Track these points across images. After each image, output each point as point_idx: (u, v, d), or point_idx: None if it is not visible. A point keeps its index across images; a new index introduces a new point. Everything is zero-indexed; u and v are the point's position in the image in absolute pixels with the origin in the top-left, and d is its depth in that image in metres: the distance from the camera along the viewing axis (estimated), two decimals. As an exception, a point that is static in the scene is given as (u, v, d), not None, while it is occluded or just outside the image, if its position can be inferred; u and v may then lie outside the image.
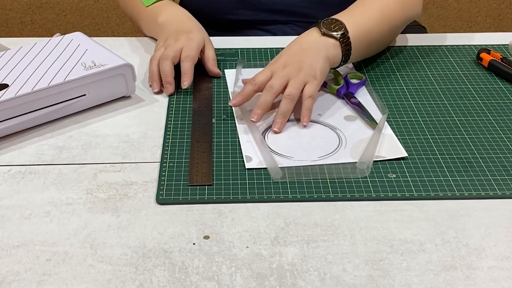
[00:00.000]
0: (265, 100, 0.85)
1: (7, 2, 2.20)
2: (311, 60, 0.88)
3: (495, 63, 1.00)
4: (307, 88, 0.86)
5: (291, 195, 0.73)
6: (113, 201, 0.72)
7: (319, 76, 0.88)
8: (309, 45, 0.90)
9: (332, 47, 0.91)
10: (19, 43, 1.01)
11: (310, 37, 0.92)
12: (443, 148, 0.82)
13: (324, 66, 0.89)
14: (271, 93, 0.85)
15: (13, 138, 0.84)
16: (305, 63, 0.88)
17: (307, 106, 0.85)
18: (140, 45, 1.10)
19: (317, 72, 0.87)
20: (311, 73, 0.87)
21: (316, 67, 0.88)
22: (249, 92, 0.87)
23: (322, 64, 0.88)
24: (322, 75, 0.88)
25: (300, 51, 0.90)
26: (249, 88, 0.87)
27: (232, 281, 0.62)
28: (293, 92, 0.85)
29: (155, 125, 0.87)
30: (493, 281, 0.62)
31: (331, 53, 0.90)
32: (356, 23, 0.94)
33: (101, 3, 2.21)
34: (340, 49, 0.91)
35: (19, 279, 0.62)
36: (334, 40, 0.91)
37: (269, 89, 0.86)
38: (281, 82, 0.86)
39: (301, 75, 0.86)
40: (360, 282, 0.62)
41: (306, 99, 0.85)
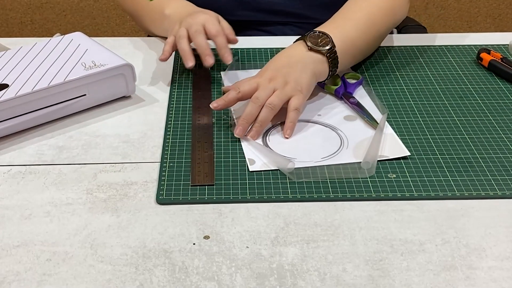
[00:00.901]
0: (250, 111, 0.83)
1: (7, 2, 2.20)
2: (297, 75, 0.86)
3: (495, 63, 1.00)
4: (292, 101, 0.84)
5: (291, 195, 0.73)
6: (113, 201, 0.72)
7: (305, 91, 0.86)
8: (296, 60, 0.88)
9: (319, 63, 0.89)
10: (19, 43, 1.01)
11: (297, 51, 0.90)
12: (443, 148, 0.82)
13: (310, 81, 0.87)
14: (257, 105, 0.83)
15: (13, 138, 0.84)
16: (291, 77, 0.86)
17: (292, 119, 0.84)
18: (140, 45, 1.10)
19: (303, 87, 0.86)
20: (297, 87, 0.85)
21: (302, 82, 0.86)
22: (231, 98, 0.85)
23: (308, 79, 0.87)
24: (308, 90, 0.87)
25: (287, 65, 0.88)
26: (232, 95, 0.85)
27: (232, 281, 0.62)
28: (275, 102, 0.83)
29: (155, 125, 0.87)
30: (493, 281, 0.62)
31: (318, 68, 0.89)
32: (342, 35, 0.92)
33: (101, 3, 2.21)
34: (327, 64, 0.90)
35: (19, 279, 0.62)
36: (321, 56, 0.89)
37: (255, 100, 0.83)
38: (267, 93, 0.84)
39: (287, 88, 0.85)
40: (360, 282, 0.62)
41: (291, 111, 0.84)
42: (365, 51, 1.00)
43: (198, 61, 0.95)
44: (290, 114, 0.84)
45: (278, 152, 0.80)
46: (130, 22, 2.22)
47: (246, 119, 0.83)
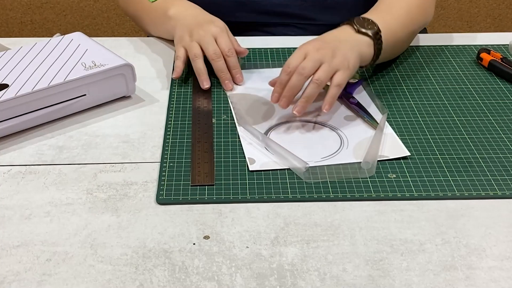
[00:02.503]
0: (294, 83, 0.83)
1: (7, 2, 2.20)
2: (346, 51, 0.87)
3: (495, 63, 1.00)
4: (337, 76, 0.84)
5: (291, 195, 0.73)
6: (113, 201, 0.72)
7: (351, 68, 0.86)
8: (345, 39, 0.89)
9: (366, 45, 0.90)
10: (19, 43, 1.01)
11: (344, 32, 0.91)
12: (443, 148, 0.82)
13: (356, 61, 0.88)
14: (303, 76, 0.83)
15: (13, 138, 0.84)
16: (340, 51, 0.86)
17: (332, 94, 0.83)
18: (140, 45, 1.10)
19: (350, 64, 0.86)
20: (345, 63, 0.85)
21: (350, 59, 0.86)
22: (285, 80, 0.85)
23: (355, 58, 0.87)
24: (354, 67, 0.87)
25: (336, 41, 0.88)
26: (284, 78, 0.84)
27: (232, 281, 0.62)
28: (322, 77, 0.83)
29: (155, 125, 0.87)
30: (493, 281, 0.62)
31: (364, 50, 0.90)
32: (385, 23, 0.94)
33: (101, 3, 2.21)
34: (373, 47, 0.91)
35: (19, 279, 0.62)
36: (368, 38, 0.90)
37: (301, 71, 0.83)
38: (313, 65, 0.84)
39: (335, 61, 0.84)
40: (360, 282, 0.62)
41: (333, 87, 0.84)
42: (402, 45, 1.02)
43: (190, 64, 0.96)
44: (332, 89, 0.84)
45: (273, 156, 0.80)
46: (130, 22, 2.22)
47: (291, 91, 0.83)
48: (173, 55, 1.06)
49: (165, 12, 1.04)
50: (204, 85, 0.94)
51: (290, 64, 0.85)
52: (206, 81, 0.94)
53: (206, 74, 0.94)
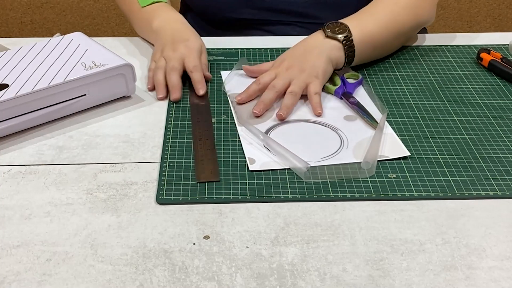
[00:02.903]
0: (267, 97, 0.89)
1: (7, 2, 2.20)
2: (314, 61, 0.92)
3: (495, 63, 1.00)
4: (310, 87, 0.90)
5: (291, 195, 0.73)
6: (113, 201, 0.73)
7: (321, 76, 0.91)
8: (313, 46, 0.94)
9: (336, 49, 0.94)
10: (19, 43, 1.01)
11: (314, 39, 0.96)
12: (443, 148, 0.82)
13: (326, 66, 0.92)
14: (273, 92, 0.89)
15: (13, 138, 0.84)
16: (308, 64, 0.91)
17: (316, 101, 0.89)
18: (140, 45, 1.10)
19: (319, 72, 0.91)
20: (313, 73, 0.91)
21: (319, 67, 0.91)
22: (254, 91, 0.91)
23: (324, 64, 0.92)
24: (324, 75, 0.92)
25: (304, 52, 0.93)
26: (253, 88, 0.91)
27: (232, 281, 0.62)
28: (295, 90, 0.89)
29: (155, 125, 0.87)
30: (493, 281, 0.62)
31: (334, 54, 0.94)
32: (361, 27, 0.96)
33: (101, 3, 2.21)
34: (343, 51, 0.94)
35: (19, 279, 0.62)
36: (337, 42, 0.94)
37: (272, 88, 0.89)
38: (283, 82, 0.90)
39: (303, 76, 0.90)
40: (360, 282, 0.62)
41: (313, 96, 0.89)
42: (386, 47, 1.03)
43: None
44: (314, 98, 0.89)
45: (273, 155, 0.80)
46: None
47: (264, 104, 0.88)
48: (173, 55, 1.06)
49: (150, 24, 1.05)
50: (158, 95, 0.93)
51: (261, 79, 0.91)
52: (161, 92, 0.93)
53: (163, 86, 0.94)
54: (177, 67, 0.94)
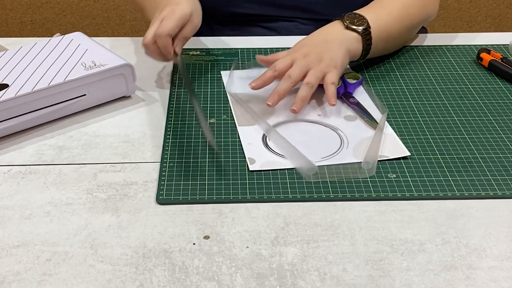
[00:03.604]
0: (282, 87, 0.87)
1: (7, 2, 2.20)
2: (333, 52, 0.91)
3: (495, 63, 1.00)
4: (328, 77, 0.88)
5: (291, 195, 0.73)
6: (113, 201, 0.73)
7: (339, 67, 0.90)
8: (332, 37, 0.93)
9: (355, 41, 0.94)
10: (19, 43, 1.01)
11: (333, 29, 0.95)
12: (443, 148, 0.82)
13: (344, 58, 0.92)
14: (289, 82, 0.87)
15: (13, 138, 0.84)
16: (326, 54, 0.90)
17: (332, 91, 0.87)
18: (140, 45, 1.10)
19: (338, 63, 0.90)
20: (332, 64, 0.89)
21: (337, 59, 0.90)
22: (269, 77, 0.89)
23: (343, 56, 0.91)
24: (342, 66, 0.91)
25: (323, 42, 0.92)
26: (269, 74, 0.89)
27: (232, 281, 0.62)
28: (312, 81, 0.87)
29: (155, 125, 0.87)
30: (493, 281, 0.62)
31: (353, 46, 0.93)
32: (377, 19, 0.96)
33: (101, 3, 2.21)
34: (362, 43, 0.94)
35: (19, 279, 0.62)
36: (356, 34, 0.94)
37: (288, 78, 0.87)
38: (300, 71, 0.88)
39: (321, 65, 0.89)
40: (360, 282, 0.62)
41: (329, 86, 0.87)
42: (398, 40, 1.03)
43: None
44: (329, 88, 0.87)
45: (279, 152, 0.80)
46: (130, 22, 2.22)
47: (279, 93, 0.86)
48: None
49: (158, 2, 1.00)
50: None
51: (276, 66, 0.89)
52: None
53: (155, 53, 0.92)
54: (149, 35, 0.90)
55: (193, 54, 1.06)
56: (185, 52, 1.07)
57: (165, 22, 0.90)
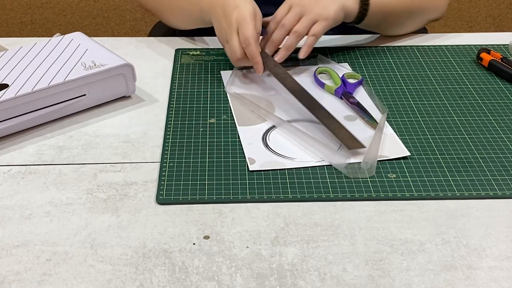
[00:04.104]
0: (275, 38, 0.91)
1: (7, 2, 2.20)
2: (327, 3, 0.92)
3: (495, 63, 1.00)
4: (314, 27, 0.90)
5: (291, 195, 0.73)
6: (113, 201, 0.73)
7: (331, 19, 0.92)
8: None
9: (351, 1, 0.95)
10: (19, 43, 1.01)
11: None
12: (443, 148, 0.82)
13: (338, 12, 0.93)
14: (283, 31, 0.91)
15: (13, 138, 0.84)
16: (321, 3, 0.92)
17: (309, 43, 0.90)
18: (140, 45, 1.10)
19: (330, 15, 0.91)
20: (324, 14, 0.91)
21: (331, 10, 0.92)
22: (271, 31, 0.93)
23: (337, 9, 0.93)
24: (334, 19, 0.93)
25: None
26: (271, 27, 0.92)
27: (232, 281, 0.62)
28: (300, 29, 0.90)
29: (155, 125, 0.87)
30: (493, 281, 0.62)
31: (349, 4, 0.95)
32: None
33: (101, 3, 2.21)
34: (358, 4, 0.95)
35: (19, 279, 0.62)
36: None
37: (281, 27, 0.91)
38: (294, 18, 0.92)
39: (313, 13, 0.91)
40: (360, 282, 0.62)
41: (309, 37, 0.90)
42: (397, 21, 1.04)
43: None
44: (309, 39, 0.90)
45: (278, 151, 0.80)
46: (130, 22, 2.22)
47: (272, 45, 0.90)
48: (173, 56, 1.06)
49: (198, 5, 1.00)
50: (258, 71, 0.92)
51: (276, 15, 0.92)
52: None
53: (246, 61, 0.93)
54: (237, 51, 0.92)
55: (193, 54, 1.06)
56: (185, 52, 1.07)
57: (245, 31, 0.90)
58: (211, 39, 1.11)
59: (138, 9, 2.18)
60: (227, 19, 0.92)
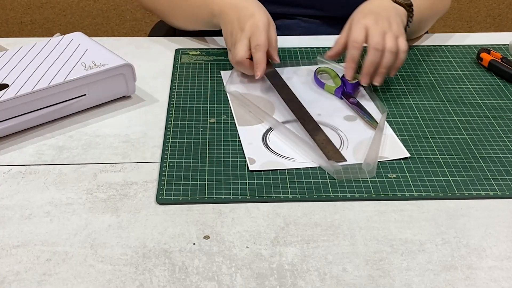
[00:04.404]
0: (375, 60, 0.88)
1: (7, 2, 2.20)
2: (396, 19, 0.93)
3: (495, 63, 1.00)
4: (401, 43, 0.90)
5: (291, 195, 0.73)
6: (113, 201, 0.73)
7: (403, 33, 0.93)
8: (387, 9, 0.95)
9: (403, 15, 0.96)
10: (19, 43, 1.01)
11: (382, 2, 0.96)
12: (443, 148, 0.82)
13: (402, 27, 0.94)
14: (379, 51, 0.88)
15: (13, 138, 0.84)
16: (393, 19, 0.92)
17: (402, 60, 0.90)
18: (140, 45, 1.10)
19: (401, 29, 0.92)
20: (400, 28, 0.92)
21: (399, 24, 0.93)
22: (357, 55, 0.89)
23: (401, 25, 0.94)
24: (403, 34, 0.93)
25: (383, 11, 0.93)
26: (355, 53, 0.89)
27: (232, 281, 0.62)
28: (394, 46, 0.89)
29: (155, 125, 0.87)
30: (493, 281, 0.62)
31: (402, 19, 0.95)
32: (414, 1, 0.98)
33: (101, 3, 2.21)
34: (406, 18, 0.96)
35: (19, 279, 0.62)
36: (403, 9, 0.96)
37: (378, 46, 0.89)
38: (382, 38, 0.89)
39: (393, 28, 0.91)
40: (360, 282, 0.62)
41: (402, 53, 0.89)
42: (426, 25, 1.07)
43: None
44: (402, 56, 0.90)
45: (278, 152, 0.80)
46: (130, 22, 2.22)
47: (373, 67, 0.89)
48: (173, 56, 1.06)
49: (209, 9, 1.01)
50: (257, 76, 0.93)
51: (357, 39, 0.89)
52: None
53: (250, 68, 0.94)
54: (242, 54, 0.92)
55: (193, 54, 1.06)
56: (185, 52, 1.07)
57: (257, 38, 0.92)
58: (211, 39, 1.11)
59: (138, 9, 2.18)
60: (241, 25, 0.94)
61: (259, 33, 0.92)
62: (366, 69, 0.89)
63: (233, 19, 0.96)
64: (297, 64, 1.02)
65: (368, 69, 0.89)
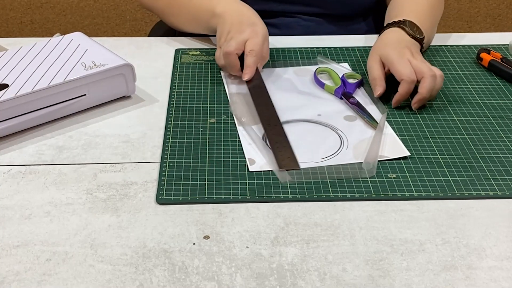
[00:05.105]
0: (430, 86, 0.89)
1: (7, 2, 2.20)
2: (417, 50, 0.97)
3: (495, 63, 1.00)
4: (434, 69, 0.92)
5: (291, 195, 0.73)
6: (113, 201, 0.73)
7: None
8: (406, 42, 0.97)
9: (418, 48, 0.99)
10: (19, 43, 1.01)
11: (401, 35, 0.99)
12: (443, 148, 0.82)
13: None
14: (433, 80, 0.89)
15: (13, 138, 0.84)
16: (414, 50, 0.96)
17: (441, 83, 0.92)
18: (140, 45, 1.10)
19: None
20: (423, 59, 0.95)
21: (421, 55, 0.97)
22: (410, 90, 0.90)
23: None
24: None
25: (405, 43, 0.97)
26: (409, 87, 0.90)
27: (232, 281, 0.62)
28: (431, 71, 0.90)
29: (155, 125, 0.87)
30: (493, 281, 0.62)
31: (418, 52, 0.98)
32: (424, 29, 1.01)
33: (101, 3, 2.21)
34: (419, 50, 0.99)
35: (19, 279, 0.62)
36: (417, 43, 0.99)
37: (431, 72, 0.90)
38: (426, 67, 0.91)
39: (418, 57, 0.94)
40: (360, 282, 0.62)
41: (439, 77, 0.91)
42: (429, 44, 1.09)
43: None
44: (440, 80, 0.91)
45: (278, 152, 0.80)
46: (130, 22, 2.22)
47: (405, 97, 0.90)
48: (173, 56, 1.06)
49: (211, 9, 1.02)
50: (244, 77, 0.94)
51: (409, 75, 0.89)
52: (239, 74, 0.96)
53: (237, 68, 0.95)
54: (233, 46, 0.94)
55: (193, 54, 1.06)
56: (185, 52, 1.07)
57: (254, 44, 0.94)
58: (211, 39, 1.11)
59: (138, 9, 2.19)
60: (241, 29, 0.96)
61: (257, 40, 0.95)
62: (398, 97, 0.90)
63: (234, 22, 0.98)
64: (297, 64, 1.02)
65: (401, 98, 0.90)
